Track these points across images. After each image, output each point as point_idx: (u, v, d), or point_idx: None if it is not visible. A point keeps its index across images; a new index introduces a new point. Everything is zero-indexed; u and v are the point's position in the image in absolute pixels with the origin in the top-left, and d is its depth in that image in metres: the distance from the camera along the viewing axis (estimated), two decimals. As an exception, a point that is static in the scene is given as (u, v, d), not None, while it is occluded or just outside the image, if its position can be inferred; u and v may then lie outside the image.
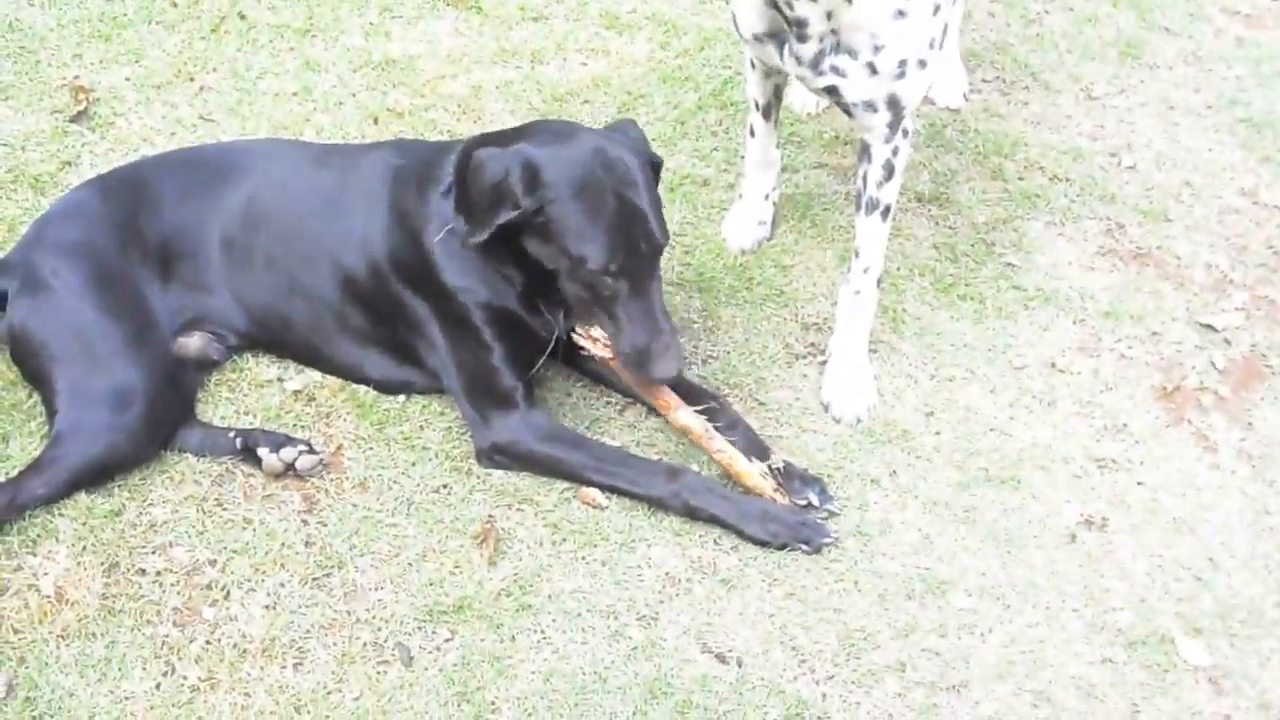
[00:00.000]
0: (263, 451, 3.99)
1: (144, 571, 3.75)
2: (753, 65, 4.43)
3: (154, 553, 3.79)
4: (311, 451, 4.01)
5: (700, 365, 4.45)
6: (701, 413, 4.03)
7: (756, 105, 4.57)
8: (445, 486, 4.04)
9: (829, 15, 3.83)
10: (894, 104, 3.99)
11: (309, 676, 3.58)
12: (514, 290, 4.02)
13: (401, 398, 4.26)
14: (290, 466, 3.99)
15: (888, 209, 4.22)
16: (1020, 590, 3.92)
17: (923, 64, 3.93)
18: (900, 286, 4.75)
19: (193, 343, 4.22)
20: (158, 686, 3.52)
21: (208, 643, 3.62)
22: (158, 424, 3.98)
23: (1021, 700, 3.69)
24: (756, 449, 4.07)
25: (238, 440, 4.02)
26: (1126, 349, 4.65)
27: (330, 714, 3.51)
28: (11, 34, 5.25)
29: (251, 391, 4.25)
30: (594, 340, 3.99)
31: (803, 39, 3.91)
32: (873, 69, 3.91)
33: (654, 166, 4.00)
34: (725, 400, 4.23)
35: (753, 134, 4.66)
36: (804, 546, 3.91)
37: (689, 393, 4.12)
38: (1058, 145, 5.44)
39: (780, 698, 3.62)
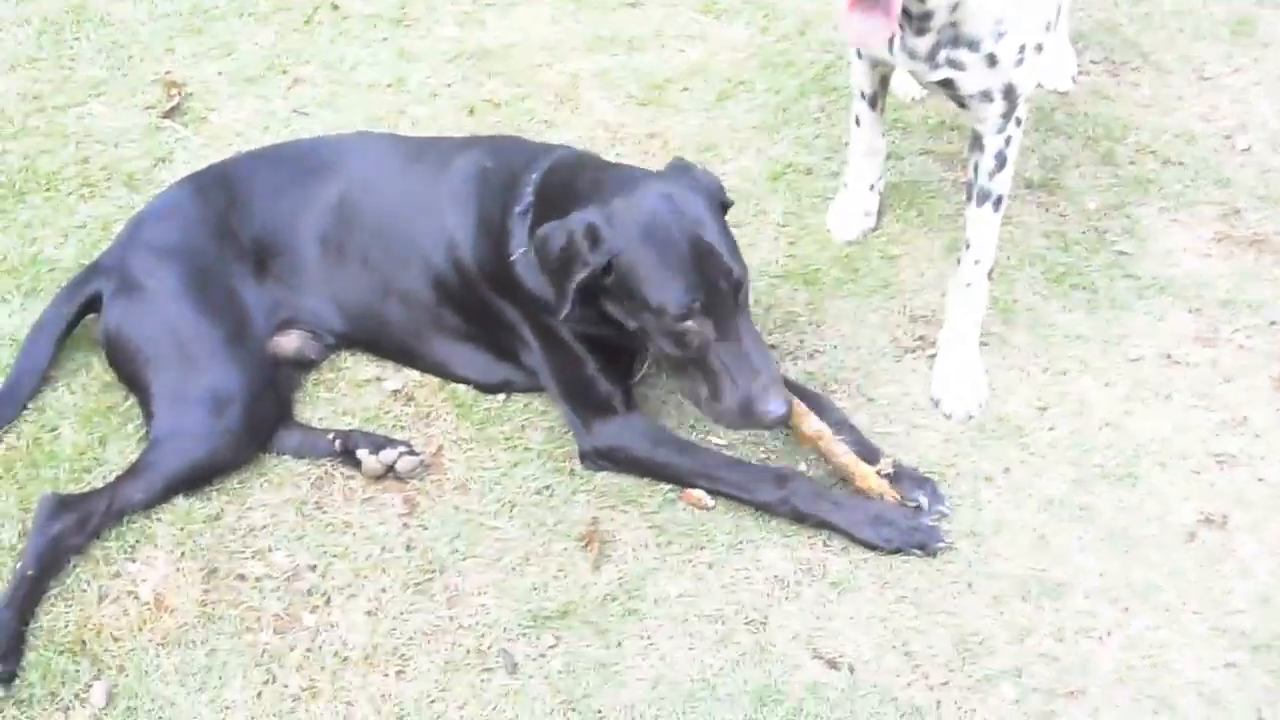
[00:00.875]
0: (362, 453, 3.93)
1: (243, 577, 3.71)
2: (859, 54, 4.33)
3: (253, 558, 3.76)
4: (412, 453, 3.95)
5: (806, 360, 4.34)
6: None
7: (862, 95, 4.47)
8: (548, 488, 3.97)
9: (954, 5, 3.71)
10: (1009, 93, 3.88)
11: (412, 685, 3.51)
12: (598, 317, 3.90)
13: (501, 397, 4.19)
14: (390, 468, 3.94)
15: (1000, 199, 4.10)
16: (1139, 591, 3.78)
17: (1040, 48, 3.81)
18: (1010, 276, 4.62)
19: (289, 342, 4.18)
20: (259, 695, 3.47)
21: (308, 650, 3.57)
22: (256, 426, 3.95)
23: (1142, 707, 3.54)
24: (864, 449, 3.97)
25: (336, 442, 3.97)
26: (1245, 339, 4.48)
27: None
28: (103, 28, 5.25)
29: (349, 391, 4.21)
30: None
31: (921, 32, 3.79)
32: (992, 59, 3.79)
33: (723, 206, 3.87)
34: (831, 400, 4.12)
35: (858, 123, 4.55)
36: (917, 551, 3.81)
37: (794, 389, 4.01)
38: (1170, 128, 5.27)
39: (893, 705, 3.51)
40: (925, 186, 4.97)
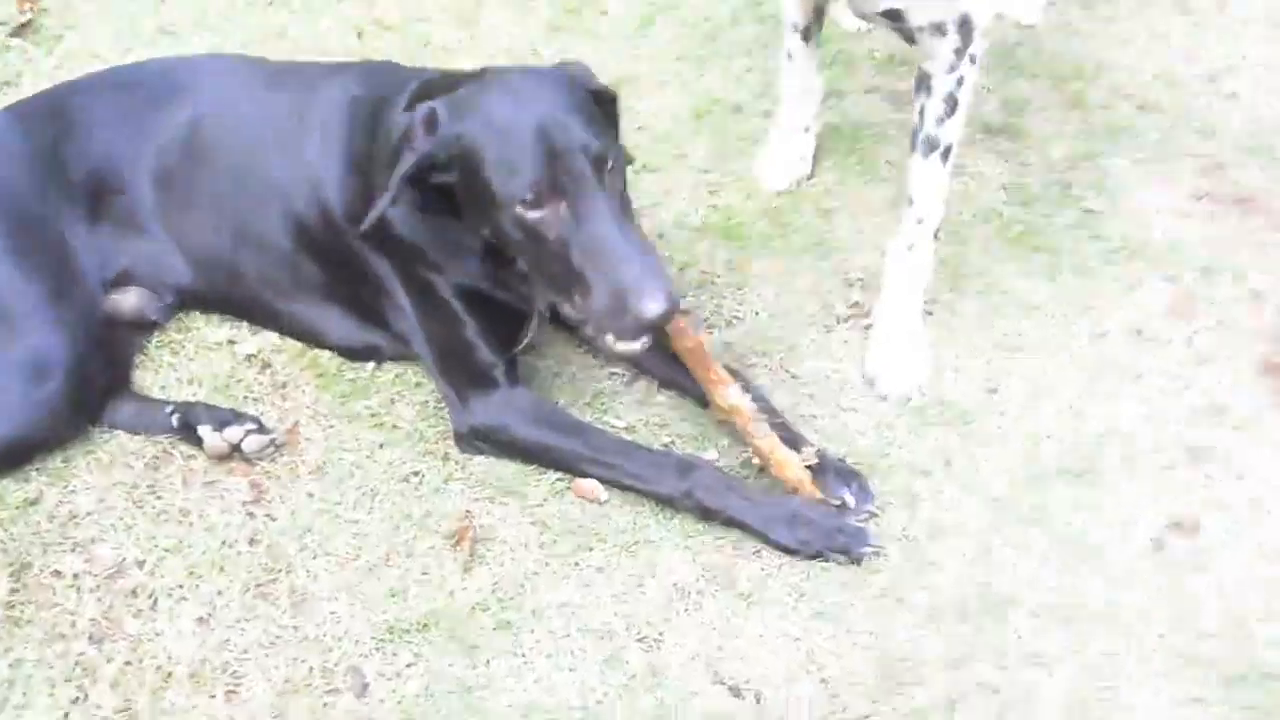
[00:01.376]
0: (204, 430, 3.50)
1: (59, 574, 3.29)
2: None
3: (73, 550, 3.34)
4: (261, 430, 3.51)
5: (724, 329, 3.88)
6: None
7: (795, 27, 4.05)
8: (416, 474, 3.51)
9: None
10: (964, 25, 3.44)
11: (242, 708, 3.08)
12: (478, 260, 3.46)
13: (370, 366, 3.74)
14: (236, 448, 3.49)
15: (949, 150, 3.65)
16: (1095, 611, 3.32)
17: None
18: (962, 235, 4.16)
19: (127, 300, 3.74)
20: (65, 717, 3.05)
21: (127, 663, 3.15)
22: (82, 397, 3.52)
23: None
24: (785, 435, 3.50)
25: (174, 417, 3.53)
26: (1226, 313, 4.01)
27: None
28: (-53, -69, 4.69)
29: (198, 355, 3.77)
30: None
31: None
32: None
33: (593, 92, 3.39)
34: (749, 376, 3.66)
35: (790, 58, 4.11)
36: (840, 557, 3.36)
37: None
38: (1148, 69, 4.83)
39: None
40: (869, 129, 4.50)
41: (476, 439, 3.52)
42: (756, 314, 3.91)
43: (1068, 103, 4.64)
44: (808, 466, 3.41)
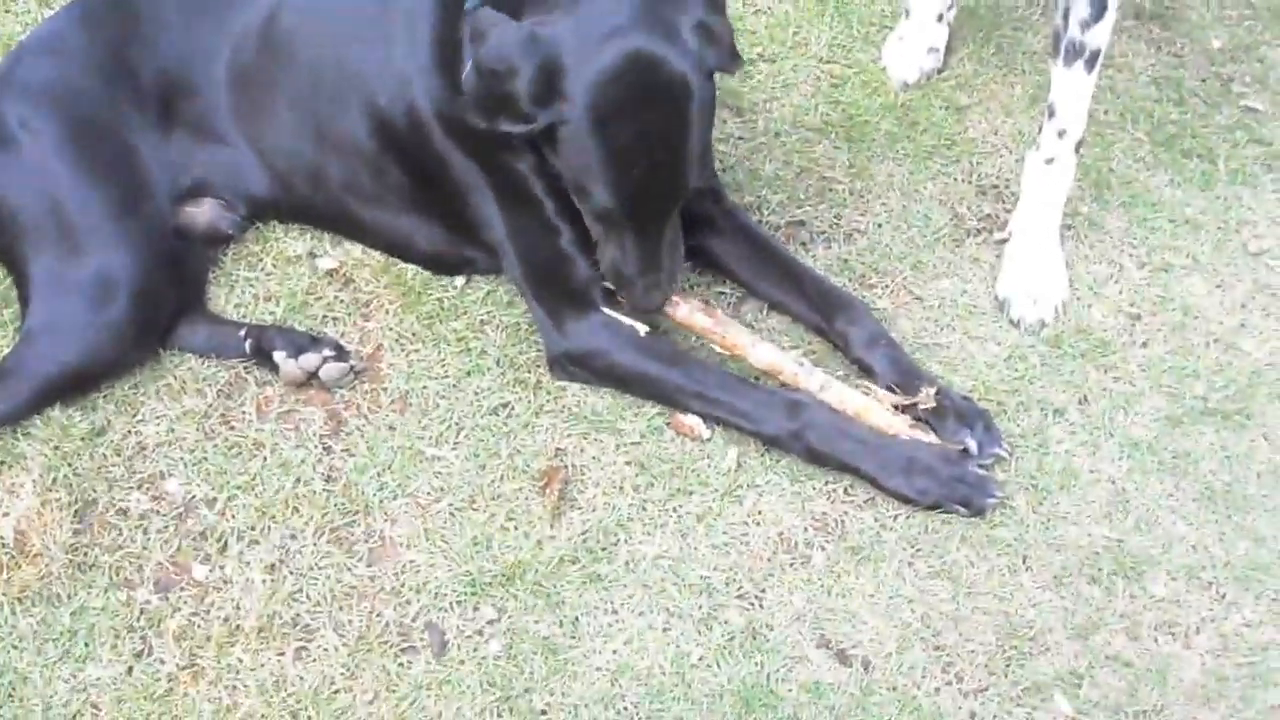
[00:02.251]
0: (279, 356, 3.28)
1: (125, 513, 3.11)
2: None
3: (140, 487, 3.16)
4: (340, 357, 3.30)
5: (841, 243, 3.59)
6: (829, 322, 3.33)
7: None
8: (505, 406, 3.28)
9: None
10: None
11: (313, 668, 2.91)
12: None
13: (459, 283, 3.48)
14: (313, 375, 3.28)
15: (1095, 56, 3.33)
16: (1240, 573, 3.06)
17: None
18: (1107, 137, 3.83)
19: (201, 213, 3.50)
20: (129, 671, 2.89)
21: (194, 615, 2.98)
22: (150, 319, 3.31)
23: None
24: (902, 371, 3.24)
25: (248, 341, 3.31)
26: (1403, 226, 3.67)
27: None
28: None
29: (275, 270, 3.52)
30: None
31: None
32: None
33: (710, 74, 3.02)
34: (863, 305, 3.37)
35: None
36: (961, 509, 3.09)
37: (813, 289, 3.37)
38: None
39: (914, 716, 2.86)
40: (1010, 15, 4.14)
41: (571, 364, 3.28)
42: (879, 226, 3.62)
43: (1229, -18, 4.24)
44: (925, 409, 3.14)
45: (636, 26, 2.88)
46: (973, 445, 3.12)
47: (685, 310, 3.22)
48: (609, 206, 2.99)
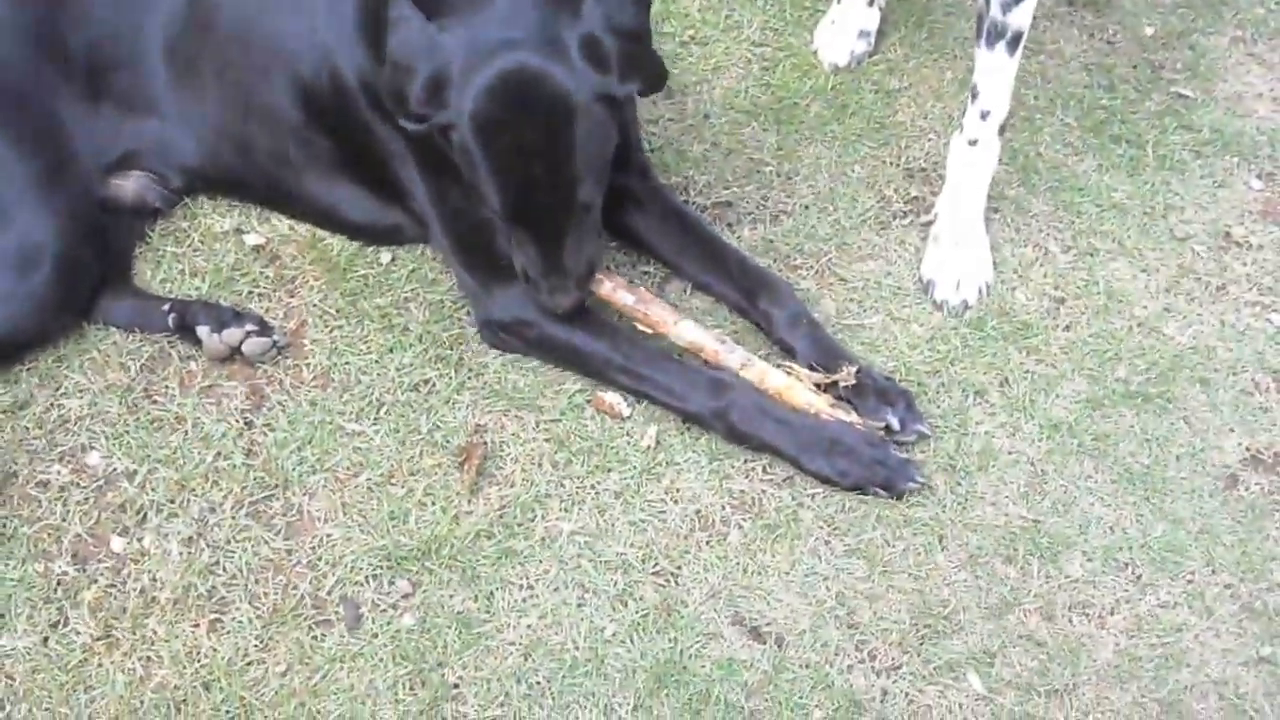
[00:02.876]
0: (203, 331, 3.26)
1: (46, 485, 3.11)
2: None
3: (61, 460, 3.15)
4: (263, 332, 3.28)
5: (767, 225, 3.56)
6: (752, 302, 3.32)
7: None
8: (426, 382, 3.26)
9: None
10: None
11: (227, 640, 2.91)
12: None
13: (385, 260, 3.46)
14: (236, 350, 3.25)
15: (1018, 38, 3.29)
16: (1156, 555, 3.05)
17: None
18: (1036, 122, 3.79)
19: (128, 185, 3.47)
20: (44, 642, 2.90)
21: (110, 587, 2.98)
22: (74, 289, 3.29)
23: (1144, 713, 2.86)
24: (824, 351, 3.23)
25: (171, 316, 3.29)
26: (1327, 214, 3.66)
27: (245, 694, 2.84)
28: None
29: (203, 246, 3.50)
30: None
31: None
32: None
33: (609, 99, 2.95)
34: (786, 284, 3.36)
35: None
36: (881, 491, 3.08)
37: (737, 268, 3.37)
38: None
39: (825, 693, 2.86)
40: (942, 1, 4.09)
41: (502, 331, 3.27)
42: (805, 208, 3.59)
43: (1165, -30, 4.20)
44: (845, 387, 3.14)
45: (528, 42, 2.86)
46: (894, 422, 3.12)
47: (609, 287, 3.20)
48: (498, 214, 2.99)
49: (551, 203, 2.95)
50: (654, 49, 3.09)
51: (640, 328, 3.23)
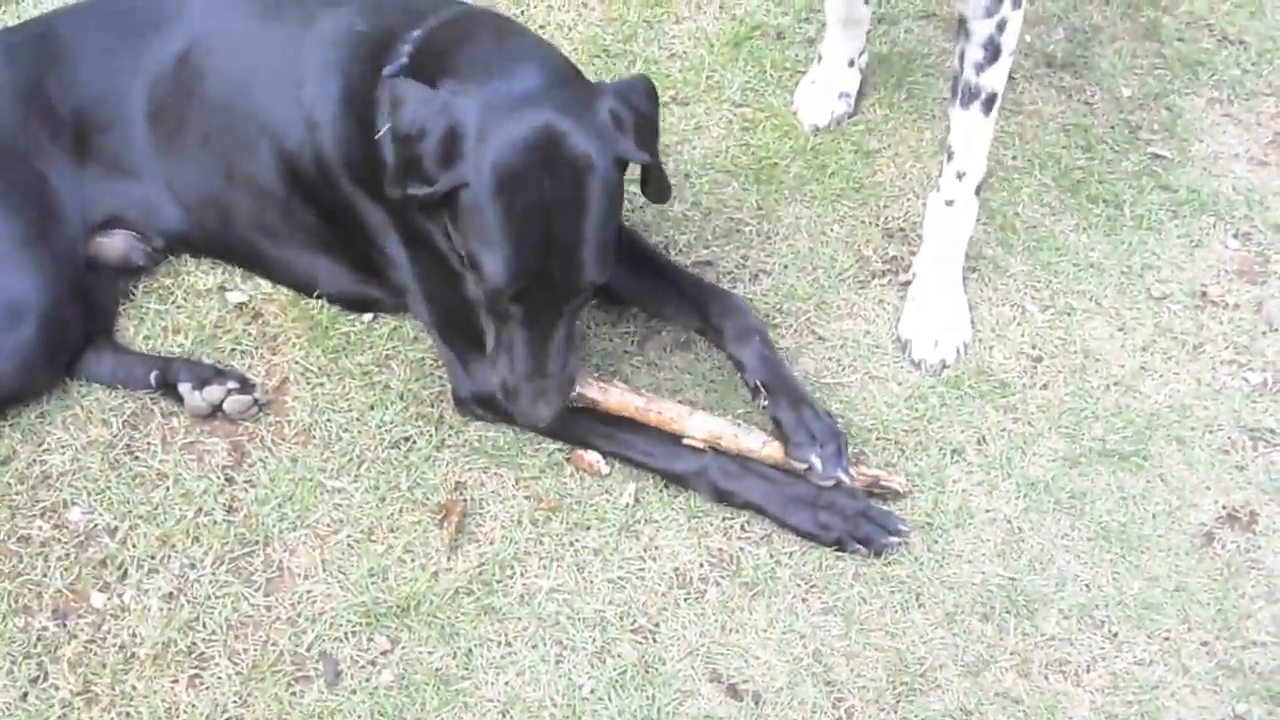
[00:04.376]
0: (184, 388, 3.28)
1: (28, 540, 3.12)
2: None
3: (43, 515, 3.16)
4: (245, 390, 3.29)
5: (747, 283, 3.57)
6: (704, 316, 3.32)
7: None
8: (407, 439, 3.27)
9: None
10: None
11: (206, 695, 2.91)
12: None
13: (366, 319, 3.48)
14: (218, 408, 3.27)
15: (992, 99, 3.30)
16: (1132, 613, 3.06)
17: None
18: (1014, 183, 3.79)
19: (112, 244, 3.49)
20: (23, 697, 2.92)
21: (90, 642, 2.99)
22: (58, 346, 3.30)
23: None
24: (771, 371, 3.21)
25: (154, 374, 3.31)
26: (1301, 276, 3.66)
27: None
28: None
29: (186, 303, 3.51)
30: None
31: None
32: None
33: (621, 163, 2.94)
34: (735, 298, 3.36)
35: None
36: (860, 548, 3.09)
37: (689, 287, 3.38)
38: None
39: None
40: (922, 62, 4.09)
41: (478, 406, 3.27)
42: (785, 267, 3.59)
43: (1140, 32, 4.20)
44: (758, 393, 3.17)
45: (547, 101, 2.85)
46: (816, 464, 3.07)
47: (616, 394, 3.17)
48: (499, 285, 2.85)
49: (557, 275, 2.87)
50: (665, 171, 3.11)
51: (654, 425, 3.18)
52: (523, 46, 3.09)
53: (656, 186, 3.07)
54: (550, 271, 2.85)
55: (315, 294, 3.48)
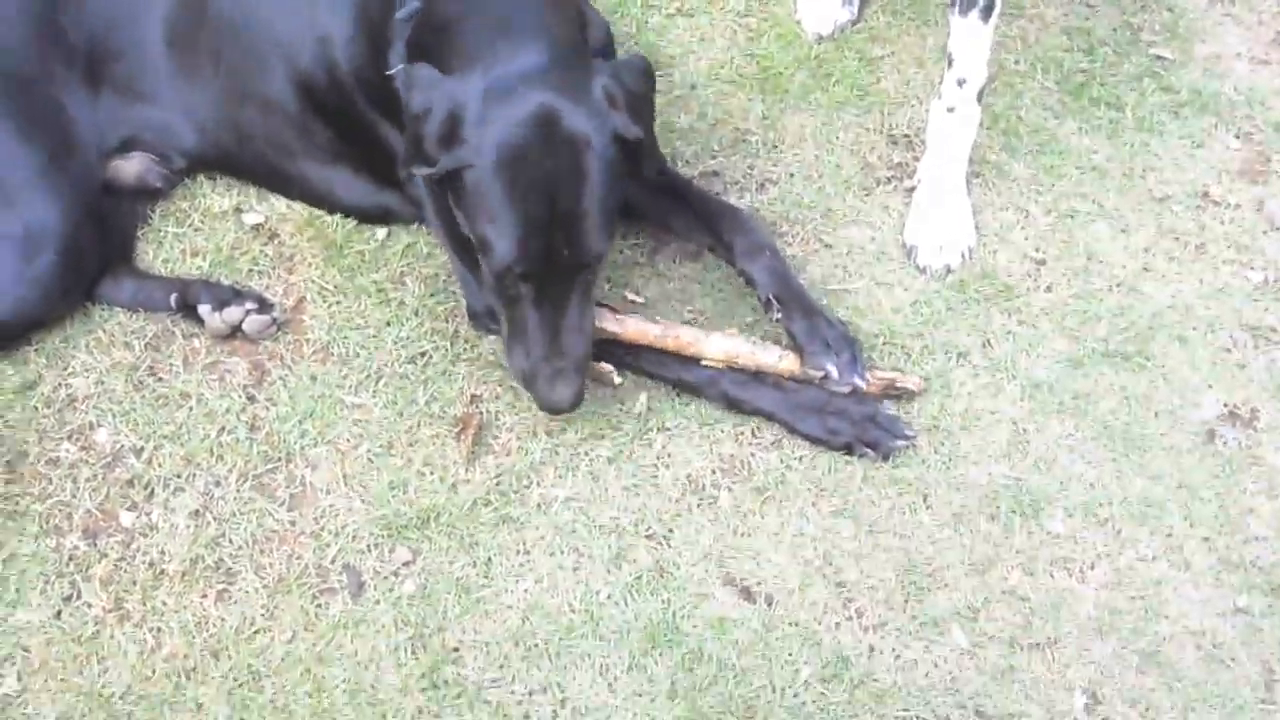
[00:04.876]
0: (204, 310, 3.33)
1: (56, 462, 3.18)
2: None
3: (70, 438, 3.22)
4: (264, 310, 3.34)
5: (754, 192, 3.60)
6: (715, 233, 3.37)
7: None
8: (423, 354, 3.33)
9: None
10: None
11: (234, 609, 3.00)
12: None
13: (380, 236, 3.51)
14: (237, 328, 3.32)
15: (990, 6, 3.33)
16: (1135, 511, 3.12)
17: None
18: (1016, 87, 3.80)
19: (129, 167, 3.51)
20: (57, 615, 2.99)
21: (120, 560, 3.07)
22: (78, 272, 3.35)
23: (1125, 664, 2.94)
24: (781, 284, 3.26)
25: (173, 296, 3.36)
26: (1305, 172, 3.66)
27: (253, 661, 2.95)
28: None
29: (203, 226, 3.55)
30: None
31: None
32: None
33: (620, 140, 2.97)
34: (744, 214, 3.41)
35: None
36: (869, 451, 3.15)
37: (698, 203, 3.43)
38: None
39: (814, 650, 2.95)
40: (925, -34, 4.10)
41: (492, 319, 3.28)
42: (791, 176, 3.62)
43: (1143, -67, 4.19)
44: (771, 306, 3.22)
45: (545, 82, 2.90)
46: (832, 371, 3.13)
47: (633, 325, 3.21)
48: (509, 262, 2.90)
49: (564, 250, 2.91)
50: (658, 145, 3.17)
51: (671, 350, 3.23)
52: (523, 37, 3.04)
53: (648, 160, 3.09)
54: (556, 247, 2.90)
55: (333, 207, 3.53)
